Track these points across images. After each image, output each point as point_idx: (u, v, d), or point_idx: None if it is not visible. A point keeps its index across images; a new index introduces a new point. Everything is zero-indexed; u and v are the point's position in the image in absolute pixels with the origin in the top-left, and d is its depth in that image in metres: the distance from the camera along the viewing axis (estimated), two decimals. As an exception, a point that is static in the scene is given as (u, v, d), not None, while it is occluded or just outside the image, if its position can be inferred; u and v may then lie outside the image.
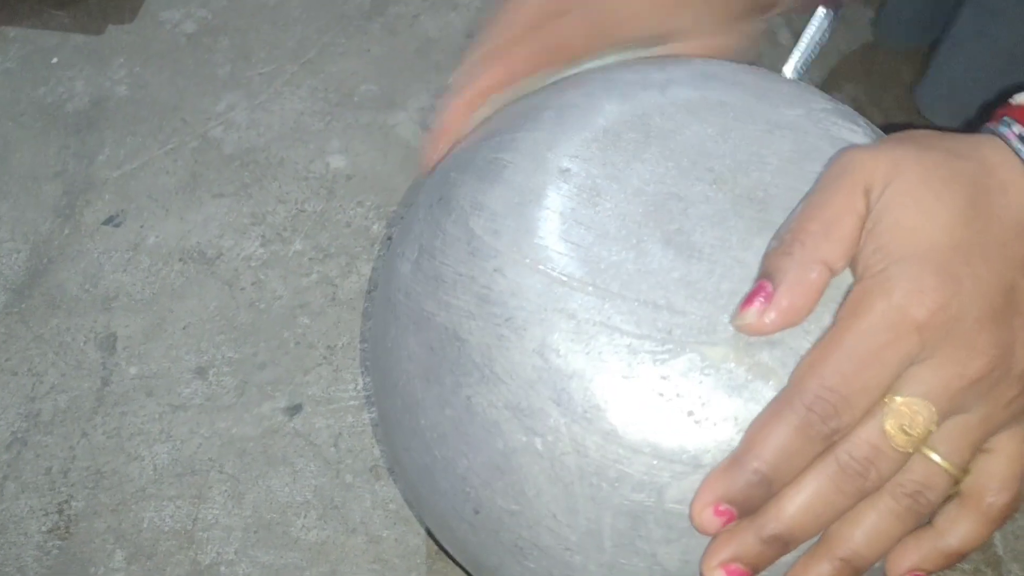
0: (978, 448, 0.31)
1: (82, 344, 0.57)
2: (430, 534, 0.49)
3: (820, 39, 0.47)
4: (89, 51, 0.69)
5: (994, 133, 0.32)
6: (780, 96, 0.37)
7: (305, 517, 0.51)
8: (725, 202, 0.33)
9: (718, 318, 0.31)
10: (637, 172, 0.34)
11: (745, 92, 0.37)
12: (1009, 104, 0.34)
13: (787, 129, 0.35)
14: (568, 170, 0.34)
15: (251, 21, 0.71)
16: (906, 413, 0.29)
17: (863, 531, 0.30)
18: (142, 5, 0.72)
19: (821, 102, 0.37)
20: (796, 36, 0.68)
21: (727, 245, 0.32)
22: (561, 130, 0.35)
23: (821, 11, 0.45)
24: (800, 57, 0.47)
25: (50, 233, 0.61)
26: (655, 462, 0.30)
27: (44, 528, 0.51)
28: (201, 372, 0.56)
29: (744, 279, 0.32)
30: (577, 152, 0.34)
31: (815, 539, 0.31)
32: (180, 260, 0.60)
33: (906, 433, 0.29)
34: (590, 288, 0.31)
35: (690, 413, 0.30)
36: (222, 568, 0.50)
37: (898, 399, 0.29)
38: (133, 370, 0.56)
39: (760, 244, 0.32)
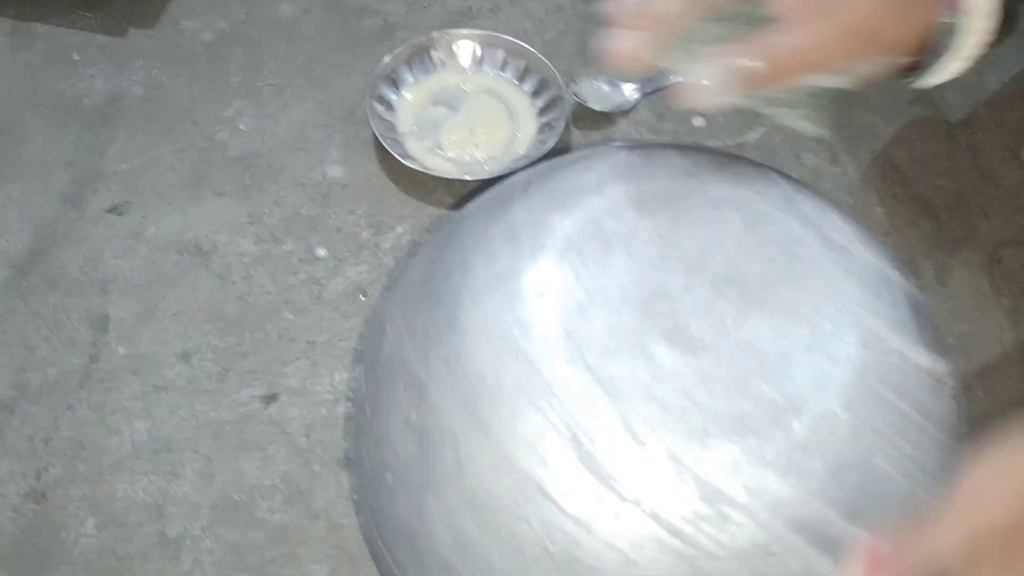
0: None
1: (76, 323, 0.60)
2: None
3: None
4: (111, 51, 0.73)
5: None
6: (709, 172, 0.38)
7: (271, 500, 0.53)
8: (706, 289, 0.35)
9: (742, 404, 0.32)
10: (613, 279, 0.35)
11: (677, 174, 0.38)
12: None
13: (729, 205, 0.37)
14: (543, 294, 0.34)
15: (266, 36, 0.75)
16: None
17: None
18: (164, 12, 0.75)
19: (746, 167, 0.39)
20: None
21: (725, 329, 0.34)
22: (521, 255, 0.36)
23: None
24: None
25: (56, 217, 0.65)
26: None
27: (21, 491, 0.54)
28: (186, 357, 0.59)
29: (751, 359, 0.33)
30: (546, 275, 0.35)
31: None
32: (177, 251, 0.63)
33: None
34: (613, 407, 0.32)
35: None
36: (187, 541, 0.52)
37: None
38: (122, 350, 0.59)
39: (752, 322, 0.34)
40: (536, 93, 0.70)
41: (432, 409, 0.34)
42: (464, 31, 0.71)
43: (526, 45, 0.70)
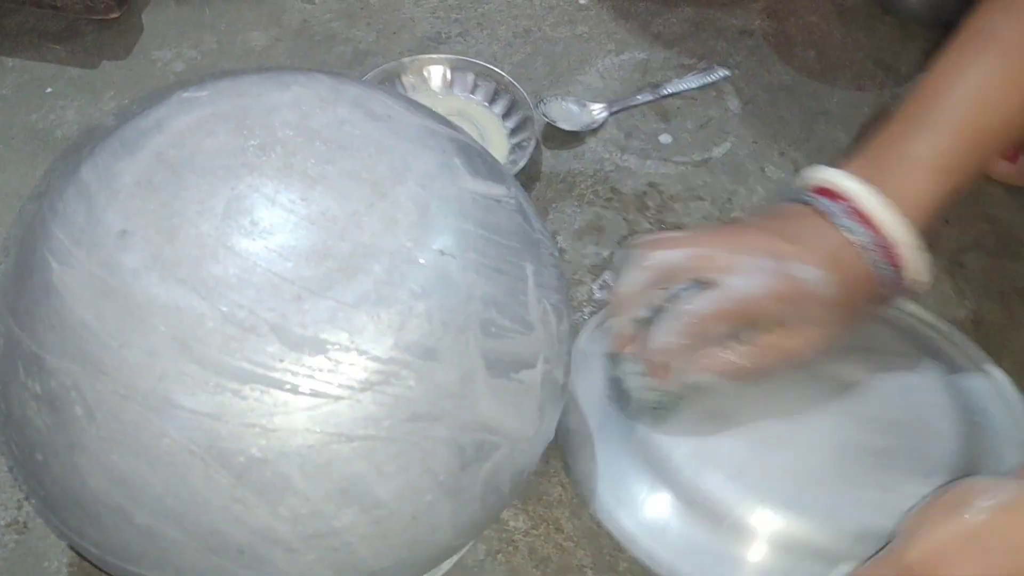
0: None
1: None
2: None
3: None
4: (82, 83, 0.74)
5: None
6: (261, 87, 0.42)
7: None
8: (272, 183, 0.39)
9: None
10: (186, 200, 0.38)
11: (231, 96, 0.42)
12: None
13: (280, 109, 0.41)
14: (125, 232, 0.37)
15: (238, 64, 0.76)
16: None
17: None
18: (136, 43, 0.76)
19: (298, 75, 0.43)
20: (745, 103, 0.74)
21: (295, 211, 0.38)
22: (95, 206, 0.39)
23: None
24: None
25: (31, 248, 0.65)
26: None
27: (3, 522, 0.53)
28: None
29: (323, 227, 0.38)
30: (122, 215, 0.38)
31: None
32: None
33: None
34: None
35: None
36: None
37: None
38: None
39: (318, 198, 0.38)
40: (506, 115, 0.71)
41: (52, 373, 0.37)
42: (434, 56, 0.73)
43: (495, 68, 0.72)
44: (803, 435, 0.52)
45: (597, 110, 0.73)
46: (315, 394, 0.35)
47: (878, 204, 0.48)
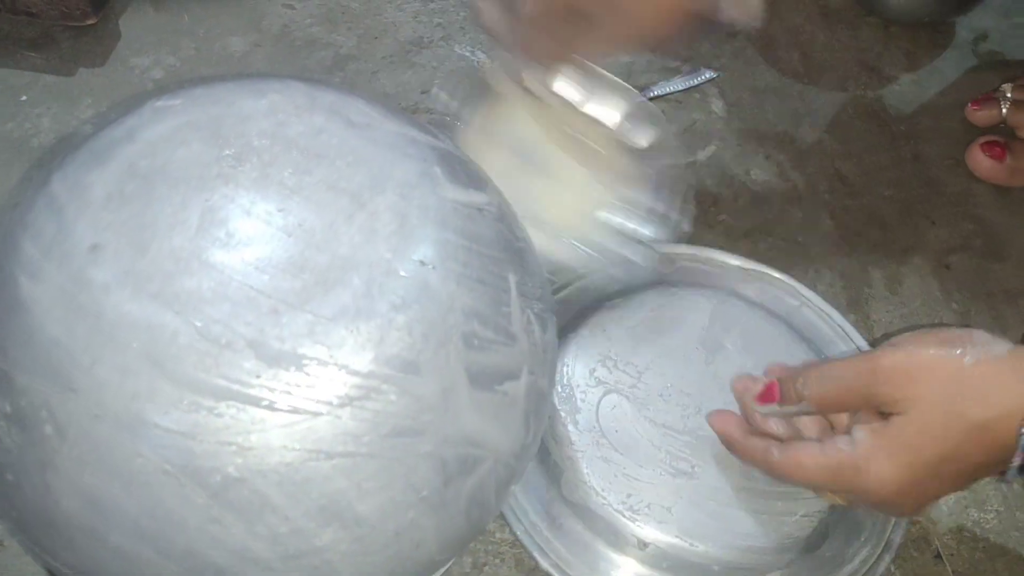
0: None
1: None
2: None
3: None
4: (58, 91, 0.72)
5: None
6: (234, 95, 0.41)
7: None
8: (247, 194, 0.38)
9: None
10: (160, 210, 0.37)
11: (204, 104, 0.41)
12: None
13: (254, 119, 0.40)
14: (96, 247, 0.36)
15: (217, 70, 0.75)
16: None
17: None
18: (114, 50, 0.75)
19: (272, 82, 0.43)
20: (729, 106, 0.73)
21: (271, 222, 0.37)
22: (66, 219, 0.38)
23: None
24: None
25: (7, 260, 0.64)
26: None
27: (-22, 541, 0.52)
28: None
29: (300, 239, 0.37)
30: (94, 229, 0.37)
31: None
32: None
33: None
34: None
35: None
36: None
37: None
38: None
39: (295, 209, 0.37)
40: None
41: (21, 392, 0.36)
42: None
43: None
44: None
45: (581, 113, 0.72)
46: (293, 410, 0.34)
47: None
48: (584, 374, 0.55)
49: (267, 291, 0.35)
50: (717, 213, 0.69)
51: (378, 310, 0.36)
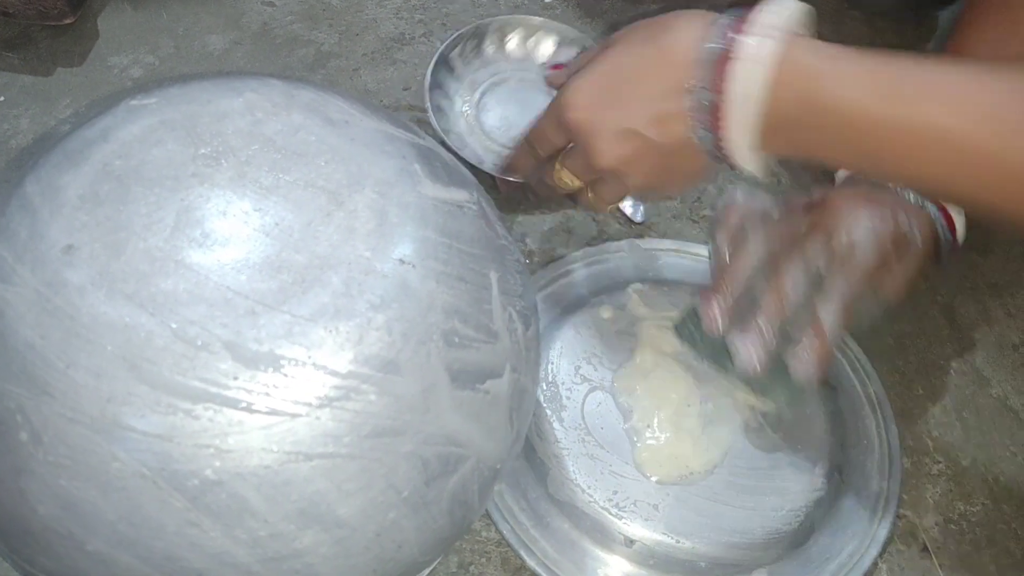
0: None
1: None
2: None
3: None
4: (36, 91, 0.72)
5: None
6: (210, 93, 0.41)
7: None
8: (224, 193, 0.37)
9: None
10: (136, 211, 0.37)
11: (180, 103, 0.40)
12: None
13: (230, 116, 0.40)
14: (71, 248, 0.36)
15: (196, 68, 0.74)
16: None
17: None
18: (92, 49, 0.74)
19: (249, 80, 0.42)
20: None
21: (247, 222, 0.37)
22: (39, 221, 0.37)
23: None
24: None
25: (-15, 262, 0.63)
26: None
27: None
28: None
29: (278, 238, 0.37)
30: (68, 230, 0.36)
31: None
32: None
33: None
34: None
35: None
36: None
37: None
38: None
39: (272, 208, 0.37)
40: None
41: None
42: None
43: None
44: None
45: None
46: (271, 412, 0.34)
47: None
48: (569, 371, 0.55)
49: (244, 292, 0.35)
50: (701, 208, 0.69)
51: (357, 309, 0.36)
